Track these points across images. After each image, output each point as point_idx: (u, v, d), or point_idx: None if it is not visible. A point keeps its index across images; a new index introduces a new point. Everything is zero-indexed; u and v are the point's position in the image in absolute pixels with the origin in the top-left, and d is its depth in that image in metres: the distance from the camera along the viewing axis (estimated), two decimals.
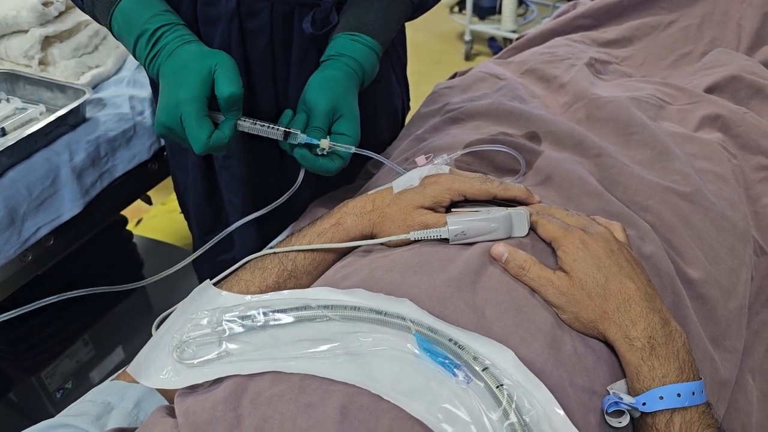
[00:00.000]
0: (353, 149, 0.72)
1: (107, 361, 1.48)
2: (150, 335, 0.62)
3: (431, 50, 3.50)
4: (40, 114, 1.11)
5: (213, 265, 1.15)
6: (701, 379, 0.52)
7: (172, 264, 0.69)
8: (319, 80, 0.74)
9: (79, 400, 0.62)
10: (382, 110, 1.04)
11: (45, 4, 1.17)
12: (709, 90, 1.00)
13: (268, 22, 0.84)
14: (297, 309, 0.55)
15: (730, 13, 1.17)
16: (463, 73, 1.18)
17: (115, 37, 0.76)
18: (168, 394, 0.63)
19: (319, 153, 0.72)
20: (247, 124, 0.72)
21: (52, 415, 0.58)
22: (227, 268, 0.67)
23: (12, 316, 0.58)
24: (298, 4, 0.82)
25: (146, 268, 1.53)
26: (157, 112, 0.70)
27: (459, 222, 0.61)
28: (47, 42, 1.21)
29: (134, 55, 0.74)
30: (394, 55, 1.02)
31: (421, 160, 0.70)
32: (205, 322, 0.56)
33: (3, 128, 1.06)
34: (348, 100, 0.73)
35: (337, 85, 0.73)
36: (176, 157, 1.07)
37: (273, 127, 0.72)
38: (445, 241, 0.62)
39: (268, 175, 1.01)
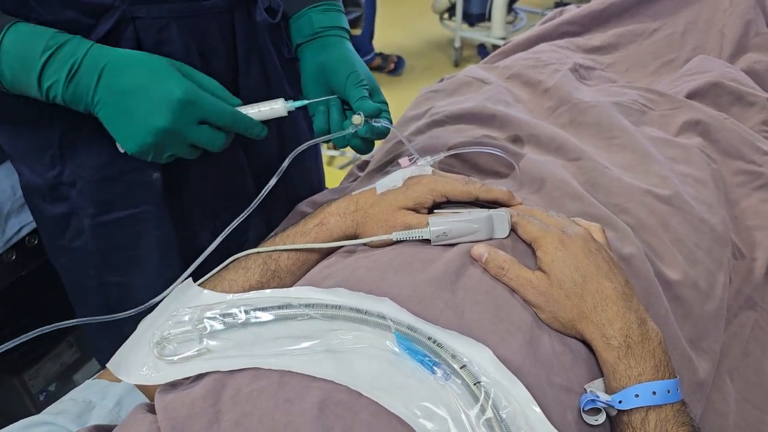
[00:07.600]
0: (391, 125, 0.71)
1: (91, 363, 1.46)
2: None
3: (422, 57, 3.52)
4: None
5: None
6: (677, 377, 0.53)
7: None
8: (339, 58, 0.71)
9: (60, 399, 0.62)
10: None
11: None
12: (691, 96, 1.01)
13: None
14: (278, 307, 0.55)
15: (713, 22, 1.19)
16: (450, 77, 1.19)
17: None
18: (149, 392, 0.63)
19: (352, 131, 0.70)
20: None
21: None
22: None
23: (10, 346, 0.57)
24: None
25: None
26: (140, 125, 0.61)
27: (441, 223, 0.61)
28: None
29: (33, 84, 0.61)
30: None
31: (404, 161, 0.71)
32: (186, 319, 0.56)
33: None
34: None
35: (356, 58, 0.71)
36: None
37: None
38: (427, 241, 0.62)
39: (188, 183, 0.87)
